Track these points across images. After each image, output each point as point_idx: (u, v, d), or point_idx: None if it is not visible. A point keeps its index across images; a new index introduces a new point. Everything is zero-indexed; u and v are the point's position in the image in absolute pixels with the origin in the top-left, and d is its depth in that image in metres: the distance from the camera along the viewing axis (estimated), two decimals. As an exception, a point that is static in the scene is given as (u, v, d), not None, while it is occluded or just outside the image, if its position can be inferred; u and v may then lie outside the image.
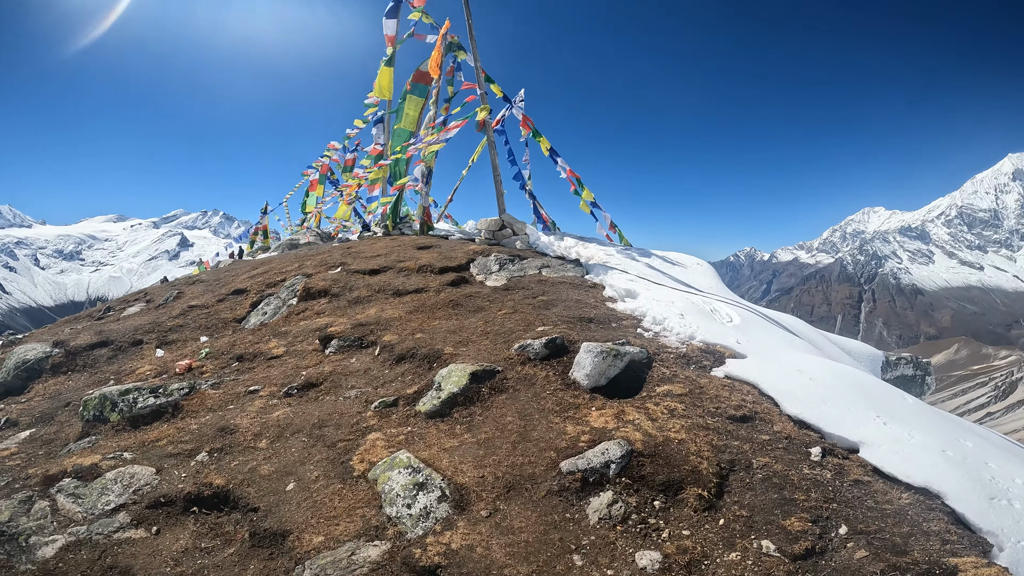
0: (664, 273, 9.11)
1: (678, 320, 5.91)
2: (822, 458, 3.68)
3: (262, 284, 9.69)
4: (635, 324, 5.90)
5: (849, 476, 3.52)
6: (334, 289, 8.11)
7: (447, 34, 12.39)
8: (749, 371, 4.84)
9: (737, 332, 6.08)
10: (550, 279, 7.50)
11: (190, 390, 5.96)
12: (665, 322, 5.86)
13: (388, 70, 15.02)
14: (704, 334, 5.58)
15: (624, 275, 7.90)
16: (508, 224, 9.40)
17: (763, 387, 4.59)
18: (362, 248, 10.64)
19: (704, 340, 5.47)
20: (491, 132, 10.39)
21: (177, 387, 5.94)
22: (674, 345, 5.33)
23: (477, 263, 8.12)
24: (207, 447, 4.64)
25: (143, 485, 4.17)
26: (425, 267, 8.18)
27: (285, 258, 12.79)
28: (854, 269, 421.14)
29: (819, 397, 4.40)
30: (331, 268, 9.18)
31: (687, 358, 5.12)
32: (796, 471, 3.54)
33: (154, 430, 5.21)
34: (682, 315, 6.18)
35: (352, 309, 7.30)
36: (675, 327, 5.72)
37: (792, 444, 3.85)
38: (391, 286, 7.79)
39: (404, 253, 9.29)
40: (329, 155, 23.88)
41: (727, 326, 6.44)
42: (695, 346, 5.34)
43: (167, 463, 4.44)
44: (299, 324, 7.33)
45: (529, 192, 16.97)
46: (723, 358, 5.18)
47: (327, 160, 24.12)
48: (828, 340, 10.08)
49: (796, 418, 4.15)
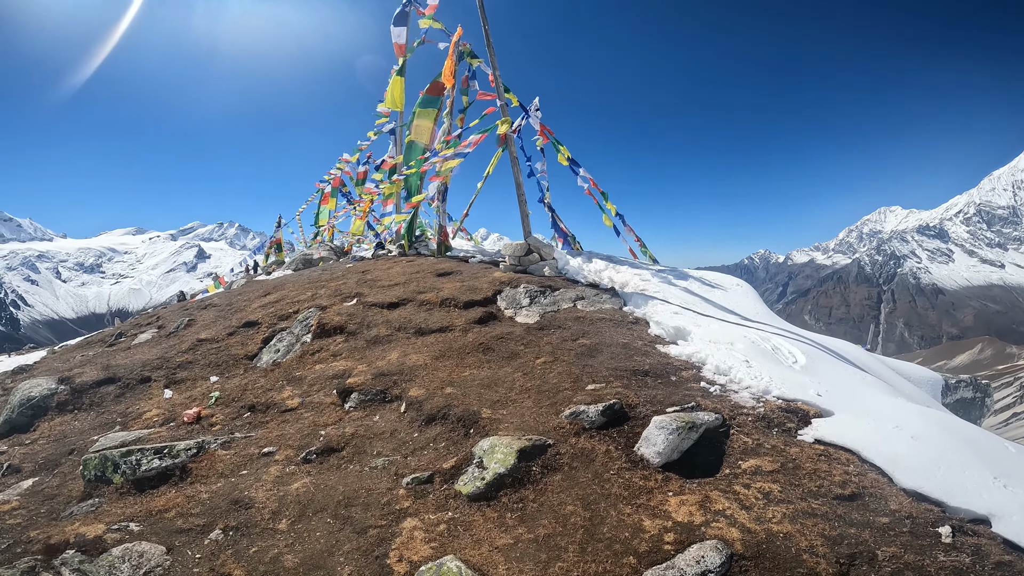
0: (705, 299, 8.37)
1: (744, 369, 5.17)
2: (953, 538, 3.11)
3: (274, 316, 9.10)
4: (696, 375, 5.17)
5: (990, 558, 2.95)
6: (350, 325, 7.47)
7: (460, 41, 11.79)
8: (843, 433, 4.18)
9: (809, 377, 5.37)
10: (587, 314, 6.79)
11: (199, 450, 5.34)
12: (731, 372, 5.13)
13: (399, 80, 14.46)
14: (779, 386, 4.84)
15: (666, 306, 7.18)
16: (535, 248, 8.71)
17: (864, 453, 3.95)
18: (378, 275, 10.01)
19: (782, 395, 4.73)
20: (513, 146, 9.73)
21: (185, 447, 5.33)
22: (748, 404, 4.59)
23: (505, 295, 7.44)
24: (221, 523, 4.05)
25: (154, 567, 3.65)
26: (448, 300, 7.51)
27: (299, 282, 12.21)
28: (872, 270, 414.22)
29: (930, 460, 3.82)
30: (346, 299, 8.56)
31: (767, 420, 4.39)
32: (930, 559, 2.94)
33: (161, 496, 4.66)
34: (747, 361, 5.45)
35: (371, 351, 6.65)
36: (744, 378, 4.99)
37: (916, 525, 3.23)
38: (412, 323, 7.13)
39: (424, 282, 8.64)
40: (341, 167, 23.47)
41: (795, 369, 5.72)
42: (773, 404, 4.60)
43: (178, 540, 3.90)
44: (314, 368, 6.69)
45: (548, 205, 16.29)
46: (808, 417, 4.46)
47: (339, 173, 23.69)
48: (885, 366, 9.37)
49: (912, 491, 3.57)
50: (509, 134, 9.69)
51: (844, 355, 7.60)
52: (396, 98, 14.74)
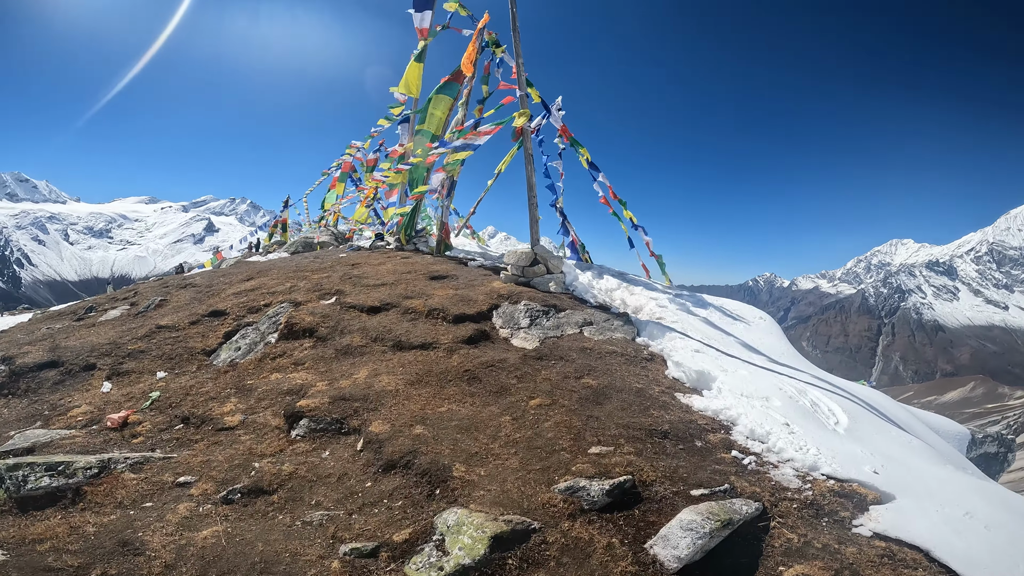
0: (727, 333, 7.39)
1: (785, 435, 4.19)
2: None
3: (244, 308, 8.14)
4: (726, 441, 4.17)
5: None
6: (322, 329, 6.50)
7: (485, 29, 10.80)
8: (908, 526, 3.34)
9: (859, 446, 4.48)
10: (595, 344, 5.79)
11: (101, 471, 4.41)
12: (770, 439, 4.15)
13: (418, 66, 13.53)
14: (829, 460, 3.88)
15: (686, 341, 6.19)
16: (541, 259, 7.70)
17: (936, 552, 3.15)
18: (366, 270, 9.04)
19: (833, 473, 3.76)
20: (529, 142, 8.72)
21: (84, 465, 4.40)
22: (793, 484, 3.61)
23: (502, 312, 6.44)
24: (98, 569, 3.15)
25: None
26: (437, 311, 6.51)
27: (284, 269, 11.26)
28: (876, 301, 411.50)
29: (1011, 559, 3.18)
30: (325, 296, 7.59)
31: (816, 508, 3.41)
32: None
33: (42, 522, 3.78)
34: (787, 424, 4.49)
35: (338, 364, 5.68)
36: (785, 448, 4.01)
37: None
38: (392, 334, 6.15)
39: (413, 285, 7.65)
40: (351, 153, 22.60)
41: (839, 433, 4.78)
42: (823, 485, 3.63)
43: (40, 583, 2.97)
44: (270, 377, 5.71)
45: (560, 209, 15.28)
46: (865, 503, 3.53)
47: (349, 158, 22.79)
48: (916, 418, 8.46)
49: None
50: (526, 128, 8.67)
51: (878, 407, 6.65)
52: (412, 84, 13.80)
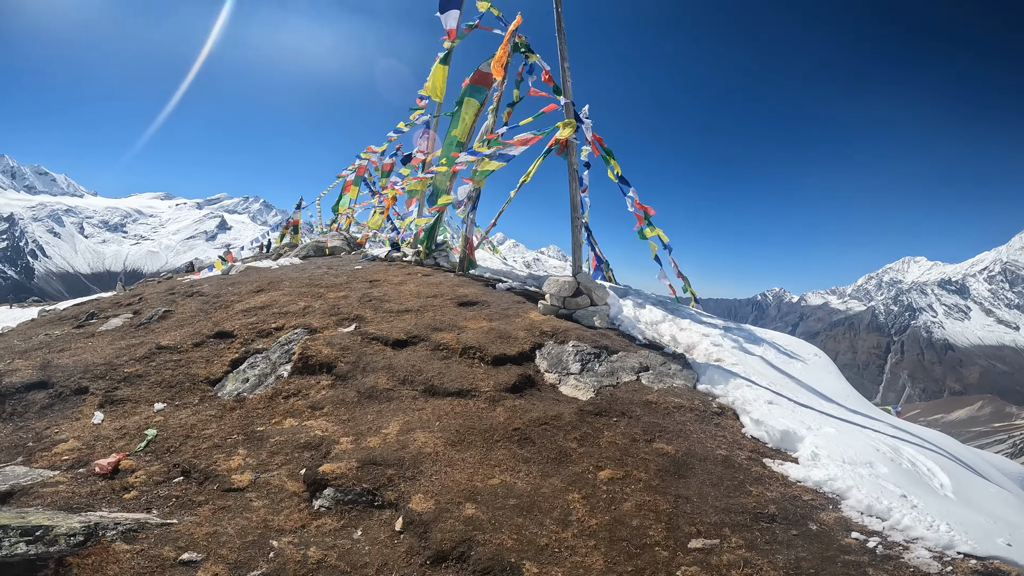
0: (788, 375, 6.61)
1: (907, 509, 3.60)
2: None
3: (253, 330, 7.43)
4: (841, 521, 3.45)
5: None
6: (341, 364, 5.78)
7: (516, 32, 10.12)
8: None
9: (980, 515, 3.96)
10: (657, 396, 5.03)
11: (88, 538, 3.68)
12: (892, 516, 3.49)
13: (443, 68, 12.88)
14: (963, 536, 3.18)
15: (754, 390, 5.42)
16: (585, 290, 6.93)
17: None
18: (387, 290, 8.31)
19: (972, 552, 3.15)
20: (575, 156, 7.98)
21: (67, 531, 3.67)
22: (933, 569, 3.05)
23: (547, 353, 5.68)
24: None
25: None
26: (472, 350, 5.75)
27: (297, 281, 10.57)
28: (886, 319, 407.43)
29: None
30: (343, 322, 6.88)
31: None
32: None
33: None
34: (905, 496, 3.84)
35: (363, 412, 4.94)
36: (912, 526, 3.42)
37: None
38: (422, 376, 5.40)
39: (442, 313, 6.91)
40: (367, 157, 22.03)
41: (952, 499, 4.22)
42: (963, 565, 3.03)
43: None
44: (283, 424, 4.98)
45: (585, 225, 14.58)
46: None
47: (365, 162, 22.22)
48: (984, 460, 7.72)
49: None
50: (571, 140, 7.95)
51: (959, 456, 5.93)
52: (437, 87, 13.16)
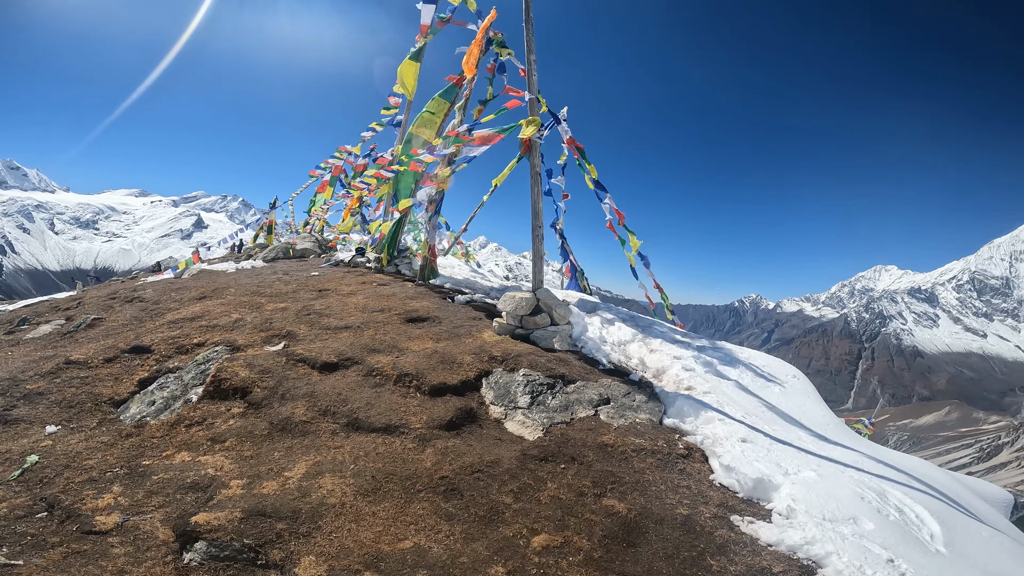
0: (766, 403, 6.05)
1: None
2: None
3: (173, 345, 6.61)
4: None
5: None
6: (257, 390, 5.02)
7: (491, 28, 9.46)
8: None
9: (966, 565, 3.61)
10: (615, 437, 4.36)
11: None
12: None
13: (414, 65, 12.20)
14: None
15: (728, 425, 4.81)
16: (546, 307, 6.22)
17: None
18: (332, 302, 7.55)
19: None
20: (538, 157, 7.30)
21: None
22: None
23: (494, 381, 4.97)
24: None
25: None
26: (409, 378, 5.01)
27: (243, 288, 9.77)
28: (857, 326, 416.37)
29: None
30: (272, 339, 6.10)
31: None
32: None
33: None
34: (892, 560, 3.27)
35: (269, 449, 4.20)
36: None
37: None
38: (347, 407, 4.67)
39: (385, 331, 6.16)
40: (341, 157, 21.22)
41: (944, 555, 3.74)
42: None
43: None
44: (175, 458, 4.22)
45: (560, 231, 13.99)
46: None
47: (341, 162, 21.40)
48: (967, 488, 7.28)
49: None
50: (535, 140, 7.27)
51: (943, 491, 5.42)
52: (408, 84, 12.46)
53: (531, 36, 7.17)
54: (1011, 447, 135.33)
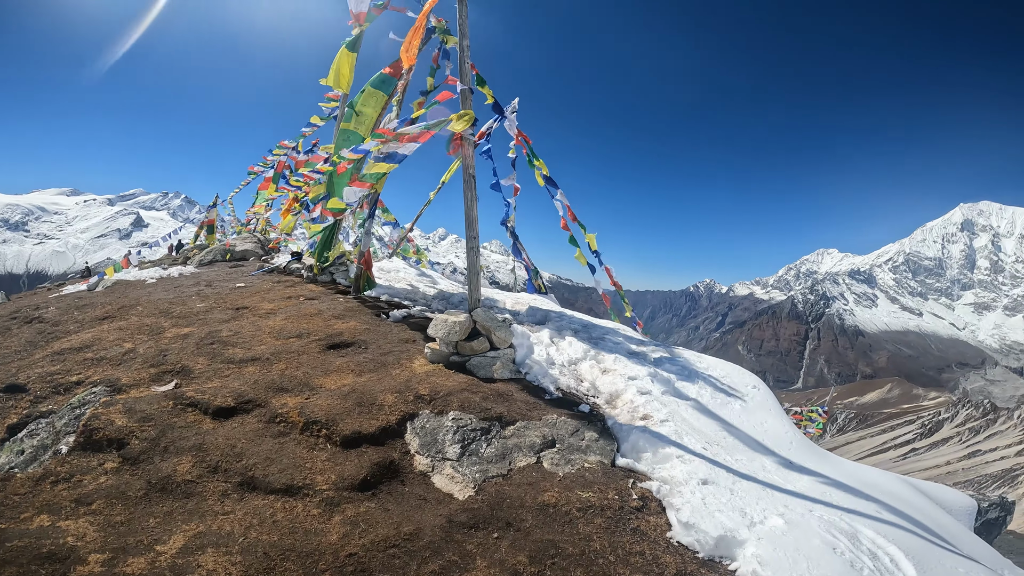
0: (725, 423, 5.58)
1: None
2: None
3: (51, 384, 5.59)
4: None
5: None
6: (136, 441, 4.16)
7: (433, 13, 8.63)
8: None
9: None
10: (558, 492, 3.74)
11: None
12: None
13: (350, 56, 11.22)
14: None
15: (687, 464, 4.28)
16: (484, 330, 5.49)
17: None
18: (243, 325, 6.63)
19: None
20: (470, 159, 6.51)
21: None
22: None
23: (420, 426, 4.25)
24: None
25: None
26: (318, 425, 4.24)
27: (152, 308, 8.71)
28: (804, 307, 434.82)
29: None
30: (162, 376, 5.19)
31: None
32: None
33: None
34: None
35: (144, 515, 3.38)
36: None
37: None
38: (242, 462, 3.88)
39: (299, 362, 5.34)
40: (279, 154, 19.92)
41: None
42: None
43: None
44: (34, 521, 3.32)
45: (511, 230, 13.34)
46: None
47: (283, 158, 20.08)
48: (928, 499, 7.08)
49: None
50: (467, 137, 6.49)
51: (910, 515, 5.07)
52: (343, 77, 11.46)
53: (465, 19, 6.41)
54: (951, 422, 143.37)
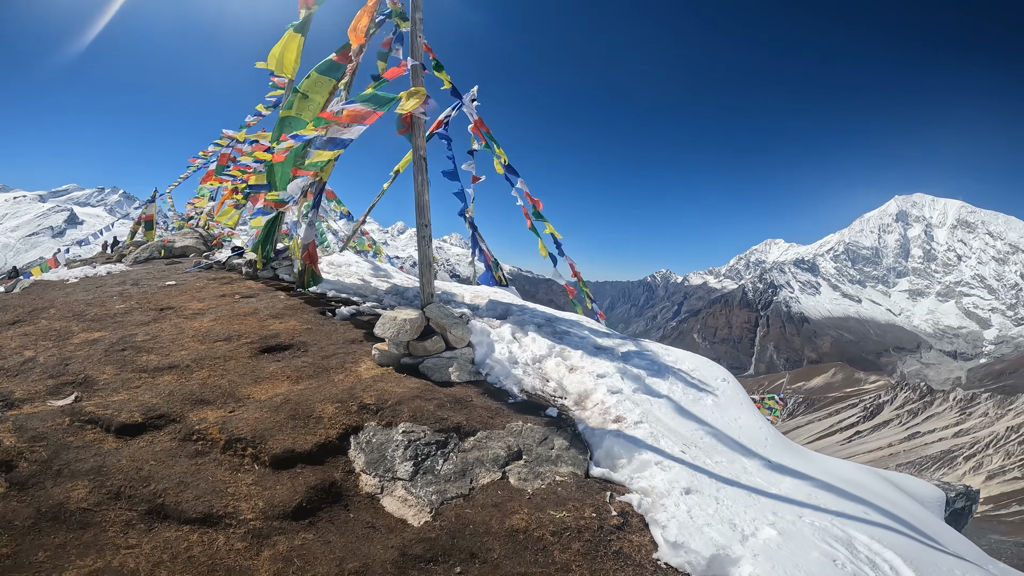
0: (701, 421, 5.25)
1: None
2: None
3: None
4: None
5: None
6: (25, 463, 3.40)
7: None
8: None
9: None
10: (528, 514, 3.25)
11: None
12: None
13: (298, 38, 10.32)
14: None
15: (667, 471, 3.88)
16: (439, 328, 4.92)
17: None
18: (166, 327, 5.85)
19: None
20: (421, 139, 5.91)
21: None
22: None
23: (366, 440, 3.66)
24: None
25: None
26: (243, 443, 3.60)
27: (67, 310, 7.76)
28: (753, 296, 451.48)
29: None
30: (62, 389, 4.41)
31: None
32: None
33: None
34: None
35: (30, 549, 2.69)
36: None
37: None
38: (150, 486, 3.21)
39: (223, 371, 4.63)
40: (222, 143, 18.67)
41: None
42: None
43: None
44: None
45: (470, 221, 12.79)
46: None
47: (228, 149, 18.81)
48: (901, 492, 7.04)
49: None
50: (418, 117, 5.88)
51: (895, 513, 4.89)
52: (287, 61, 10.53)
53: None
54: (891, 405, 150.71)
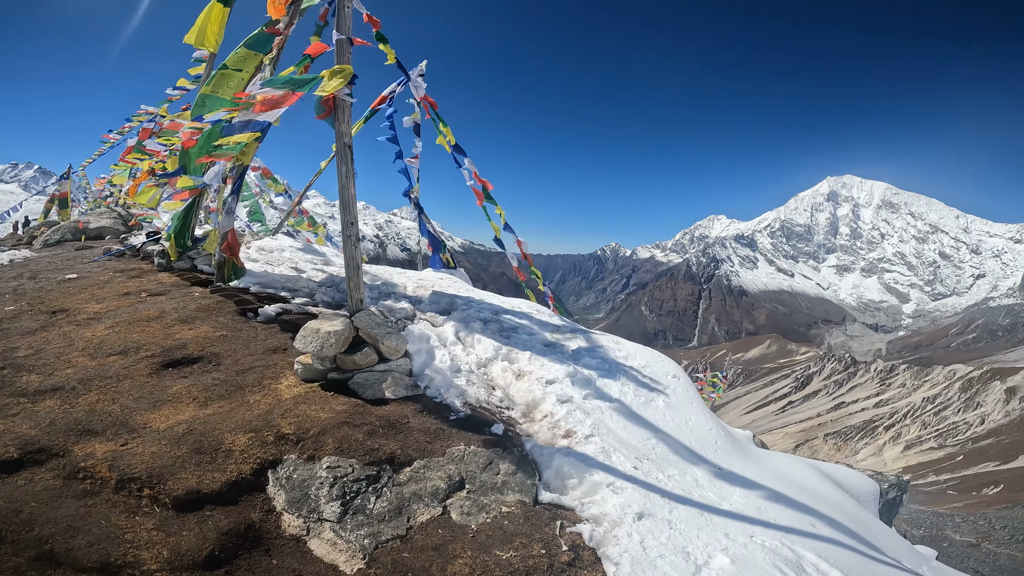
0: (653, 428, 5.07)
1: None
2: None
3: None
4: None
5: None
6: None
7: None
8: None
9: None
10: (473, 553, 2.91)
11: None
12: None
13: (222, 10, 9.22)
14: None
15: (620, 494, 3.63)
16: (370, 338, 4.36)
17: None
18: (51, 337, 5.07)
19: None
20: (345, 124, 5.21)
21: None
22: None
23: (285, 476, 3.18)
24: None
25: None
26: (138, 482, 3.06)
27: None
28: (697, 270, 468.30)
29: None
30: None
31: None
32: None
33: None
34: None
35: None
36: None
37: None
38: (33, 531, 2.62)
39: (118, 391, 4.01)
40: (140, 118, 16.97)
41: None
42: None
43: None
44: None
45: (415, 201, 12.21)
46: None
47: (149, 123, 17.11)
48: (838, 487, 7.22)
49: None
50: (341, 99, 5.22)
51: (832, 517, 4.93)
52: (209, 35, 9.39)
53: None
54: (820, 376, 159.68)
